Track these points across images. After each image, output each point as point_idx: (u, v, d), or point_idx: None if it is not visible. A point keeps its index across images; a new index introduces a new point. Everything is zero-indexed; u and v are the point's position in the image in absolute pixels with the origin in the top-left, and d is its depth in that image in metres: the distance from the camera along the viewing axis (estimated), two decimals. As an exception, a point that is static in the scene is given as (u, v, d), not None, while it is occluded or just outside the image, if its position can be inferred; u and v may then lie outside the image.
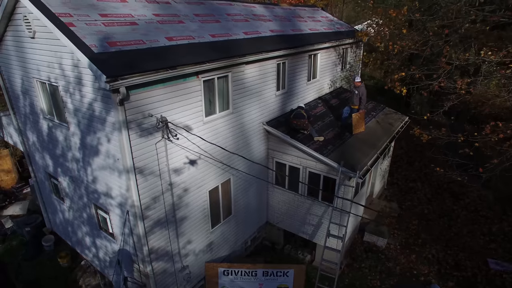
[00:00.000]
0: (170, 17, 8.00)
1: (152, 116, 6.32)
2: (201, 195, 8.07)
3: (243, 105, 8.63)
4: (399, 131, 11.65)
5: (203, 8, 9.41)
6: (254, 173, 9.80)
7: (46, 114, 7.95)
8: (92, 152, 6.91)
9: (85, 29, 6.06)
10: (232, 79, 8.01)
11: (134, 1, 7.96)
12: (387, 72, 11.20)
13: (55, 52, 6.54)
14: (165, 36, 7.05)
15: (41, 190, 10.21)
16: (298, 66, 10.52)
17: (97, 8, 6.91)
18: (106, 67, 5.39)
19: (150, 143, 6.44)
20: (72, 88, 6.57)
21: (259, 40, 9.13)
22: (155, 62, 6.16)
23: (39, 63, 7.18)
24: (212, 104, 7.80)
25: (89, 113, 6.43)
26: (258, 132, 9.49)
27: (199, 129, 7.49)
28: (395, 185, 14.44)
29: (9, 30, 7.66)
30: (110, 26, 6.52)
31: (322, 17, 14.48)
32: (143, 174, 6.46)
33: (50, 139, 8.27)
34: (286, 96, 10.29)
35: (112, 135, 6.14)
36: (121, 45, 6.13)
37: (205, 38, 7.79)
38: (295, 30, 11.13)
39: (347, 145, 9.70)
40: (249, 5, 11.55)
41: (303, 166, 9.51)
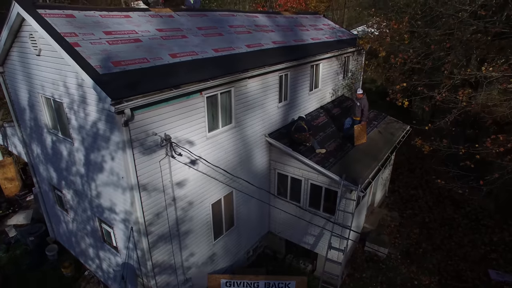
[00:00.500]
0: (173, 31, 8.05)
1: (156, 134, 6.39)
2: (204, 208, 8.14)
3: (245, 119, 8.69)
4: (401, 141, 11.70)
5: (206, 20, 9.46)
6: (256, 184, 9.88)
7: (51, 128, 8.03)
8: (97, 169, 6.98)
9: (90, 48, 6.12)
10: (235, 93, 8.07)
11: (138, 16, 8.03)
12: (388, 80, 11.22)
13: (60, 70, 6.60)
14: (168, 53, 7.10)
15: (44, 200, 10.29)
16: (300, 77, 10.57)
17: (102, 26, 6.97)
18: (111, 89, 5.45)
19: (154, 160, 6.51)
20: (77, 106, 6.64)
21: (262, 53, 9.18)
22: (159, 81, 6.22)
23: (44, 79, 7.25)
24: (215, 119, 7.86)
25: (94, 131, 6.50)
26: (260, 144, 9.55)
27: (202, 144, 7.55)
28: (396, 193, 14.48)
29: (15, 46, 7.72)
30: (115, 44, 6.58)
31: (324, 25, 14.51)
32: (147, 191, 6.53)
33: (54, 153, 8.35)
34: (288, 107, 10.35)
35: (116, 154, 6.21)
36: (126, 64, 6.18)
37: (208, 53, 7.84)
38: (297, 41, 11.17)
39: (348, 157, 9.75)
40: (252, 14, 11.59)
41: (305, 178, 9.57)
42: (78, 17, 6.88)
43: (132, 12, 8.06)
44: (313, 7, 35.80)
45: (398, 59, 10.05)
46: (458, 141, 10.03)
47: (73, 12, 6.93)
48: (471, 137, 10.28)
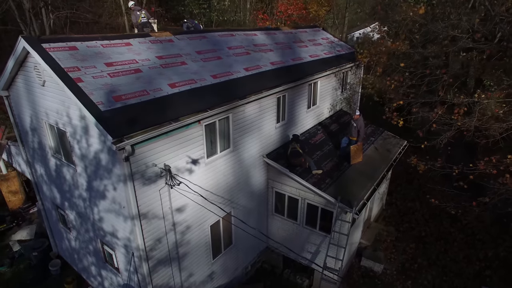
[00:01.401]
0: (172, 58, 8.25)
1: (156, 165, 6.61)
2: (203, 230, 8.37)
3: (243, 142, 8.90)
4: (397, 157, 11.89)
5: (205, 43, 9.66)
6: (254, 203, 10.13)
7: (54, 152, 8.26)
8: (99, 195, 7.21)
9: (92, 83, 6.34)
10: (233, 118, 8.27)
11: (138, 43, 8.24)
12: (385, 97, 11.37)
13: (63, 102, 6.82)
14: (168, 83, 7.31)
15: (48, 217, 10.55)
16: (298, 96, 10.76)
17: (103, 57, 7.19)
18: (112, 127, 5.67)
19: (154, 190, 6.73)
20: (80, 136, 6.86)
21: (260, 76, 9.36)
22: (159, 115, 6.43)
23: (48, 107, 7.47)
24: (214, 144, 8.07)
25: (96, 161, 6.72)
26: (258, 164, 9.76)
27: (201, 170, 7.77)
28: (393, 205, 14.67)
29: (20, 73, 7.93)
30: (116, 77, 6.79)
31: (323, 39, 14.67)
32: (147, 219, 6.76)
33: (58, 175, 8.58)
34: (286, 126, 10.55)
35: (118, 185, 6.43)
36: (126, 98, 6.40)
37: (207, 80, 8.04)
38: (296, 59, 11.34)
39: (344, 177, 9.95)
40: (251, 33, 11.76)
41: (301, 197, 9.78)
42: (81, 48, 7.10)
43: (132, 39, 8.27)
44: (314, 11, 35.98)
45: (394, 81, 10.22)
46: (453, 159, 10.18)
47: (76, 44, 7.14)
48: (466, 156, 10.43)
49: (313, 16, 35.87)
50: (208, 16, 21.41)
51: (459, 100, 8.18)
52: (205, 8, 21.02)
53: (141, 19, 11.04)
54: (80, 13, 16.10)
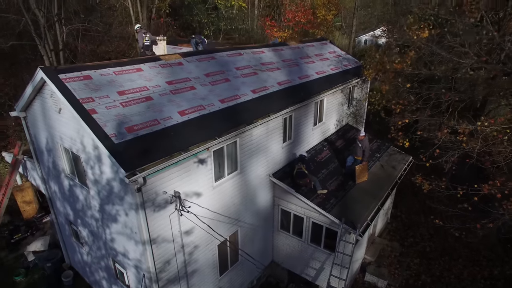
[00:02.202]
0: (182, 83, 8.50)
1: (166, 193, 6.88)
2: (211, 250, 8.63)
3: (250, 164, 9.13)
4: (402, 174, 11.99)
5: (213, 64, 9.89)
6: (261, 220, 10.36)
7: (68, 173, 8.59)
8: (111, 218, 7.52)
9: (105, 114, 6.62)
10: (240, 142, 8.50)
11: (149, 68, 8.51)
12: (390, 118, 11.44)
13: (77, 130, 7.13)
14: (177, 110, 7.56)
15: (61, 230, 10.93)
16: (304, 115, 10.94)
17: (116, 85, 7.47)
18: (125, 160, 5.95)
19: (164, 216, 7.00)
20: (93, 163, 7.16)
21: (267, 98, 9.56)
22: (170, 145, 6.68)
23: (63, 133, 7.80)
24: (221, 168, 8.32)
25: (108, 188, 7.01)
26: (265, 183, 9.98)
27: (209, 194, 8.03)
28: (398, 219, 14.76)
29: (38, 98, 8.25)
30: (128, 106, 7.07)
31: (330, 53, 14.80)
32: (157, 243, 7.04)
33: (71, 194, 8.92)
34: (292, 145, 10.74)
35: (129, 212, 6.72)
36: (138, 129, 6.67)
37: (215, 105, 8.28)
38: (302, 77, 11.51)
39: (349, 196, 10.12)
40: (258, 50, 11.96)
41: (306, 216, 9.99)
42: (95, 77, 7.40)
43: (143, 64, 8.55)
44: (321, 16, 35.96)
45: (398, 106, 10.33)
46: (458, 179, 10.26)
47: (90, 72, 7.44)
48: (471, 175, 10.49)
49: (321, 21, 35.95)
50: (216, 25, 21.64)
51: (463, 127, 8.27)
52: (213, 17, 21.24)
53: (145, 41, 11.37)
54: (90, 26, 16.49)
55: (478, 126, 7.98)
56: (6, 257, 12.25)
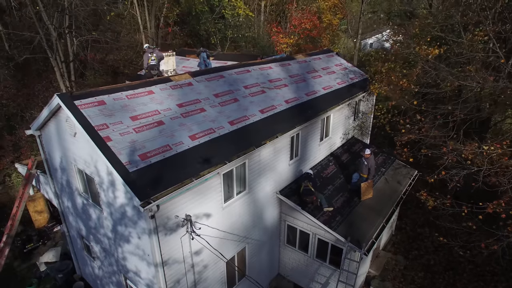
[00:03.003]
0: (192, 105, 8.70)
1: (178, 217, 7.10)
2: (219, 267, 8.86)
3: (258, 182, 9.33)
4: (407, 190, 12.13)
5: (222, 83, 10.08)
6: (268, 235, 10.57)
7: (82, 192, 8.85)
8: (124, 239, 7.76)
9: (120, 142, 6.85)
10: (248, 163, 8.70)
11: (160, 90, 8.73)
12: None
13: (92, 155, 7.37)
14: (188, 135, 7.77)
15: (73, 243, 11.22)
16: (311, 132, 11.10)
17: (128, 109, 7.70)
18: (139, 189, 6.17)
19: (176, 238, 7.23)
20: (106, 187, 7.40)
21: (275, 118, 9.72)
22: (181, 172, 6.89)
23: (77, 155, 8.05)
24: (230, 188, 8.53)
25: (121, 211, 7.25)
26: (272, 200, 10.18)
27: (218, 214, 8.24)
28: (403, 231, 14.87)
29: (54, 119, 8.48)
30: (141, 132, 7.29)
31: (336, 66, 14.92)
32: (169, 264, 7.27)
33: (84, 211, 9.19)
34: (299, 162, 10.92)
35: (142, 235, 6.95)
36: (151, 156, 6.89)
37: (225, 127, 8.48)
38: (310, 94, 11.66)
39: (355, 213, 10.28)
40: (266, 66, 12.13)
41: (312, 232, 10.18)
42: (108, 102, 7.62)
43: (154, 86, 8.76)
44: (327, 20, 35.98)
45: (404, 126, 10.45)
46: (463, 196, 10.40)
47: (104, 97, 7.67)
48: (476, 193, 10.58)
49: (326, 25, 35.98)
50: (223, 33, 21.83)
51: (468, 150, 8.40)
52: (220, 25, 21.45)
53: (150, 61, 11.56)
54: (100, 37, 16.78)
55: (483, 149, 8.10)
56: (19, 267, 12.59)
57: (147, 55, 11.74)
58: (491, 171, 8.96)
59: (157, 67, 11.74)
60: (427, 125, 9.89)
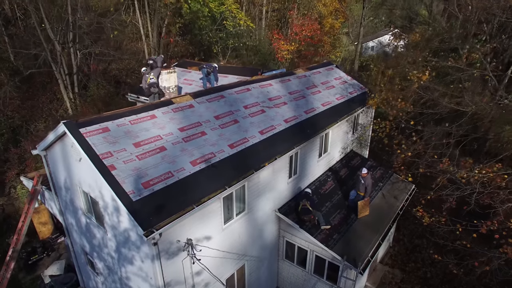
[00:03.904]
0: (193, 129, 8.95)
1: (180, 241, 7.37)
2: (219, 285, 9.13)
3: (257, 202, 9.59)
4: (404, 205, 12.36)
5: (222, 104, 10.32)
6: (267, 252, 10.83)
7: (86, 212, 9.13)
8: (127, 260, 8.03)
9: (123, 170, 7.11)
10: (248, 185, 8.96)
11: (162, 114, 8.98)
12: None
13: (96, 180, 7.62)
14: (190, 160, 8.02)
15: (77, 257, 11.51)
16: (310, 149, 11.34)
17: (132, 136, 7.95)
18: (143, 219, 6.44)
19: (178, 261, 7.50)
20: (110, 211, 7.67)
21: (274, 139, 9.95)
22: (183, 199, 7.15)
23: (82, 178, 8.32)
24: (230, 210, 8.79)
25: (125, 235, 7.52)
26: (271, 218, 10.44)
27: (219, 235, 8.51)
28: (400, 242, 15.10)
29: (59, 142, 8.73)
30: (144, 159, 7.55)
31: (335, 79, 15.13)
32: (171, 286, 7.54)
33: (88, 230, 9.46)
34: (297, 180, 11.17)
35: (145, 260, 7.23)
36: (154, 183, 7.15)
37: (225, 151, 8.72)
38: (309, 111, 11.87)
39: (352, 231, 10.53)
40: (266, 83, 12.35)
41: (310, 249, 10.43)
42: (112, 129, 7.88)
43: (156, 110, 9.00)
44: (329, 25, 36.15)
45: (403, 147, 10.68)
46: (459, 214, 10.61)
47: (107, 124, 7.93)
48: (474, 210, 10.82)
49: (328, 29, 36.16)
50: (224, 41, 22.05)
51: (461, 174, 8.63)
52: (221, 35, 21.69)
53: (149, 80, 11.75)
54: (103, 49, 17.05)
55: (475, 173, 8.33)
56: (24, 279, 12.91)
57: (144, 78, 11.94)
58: (484, 193, 9.20)
59: (157, 84, 11.94)
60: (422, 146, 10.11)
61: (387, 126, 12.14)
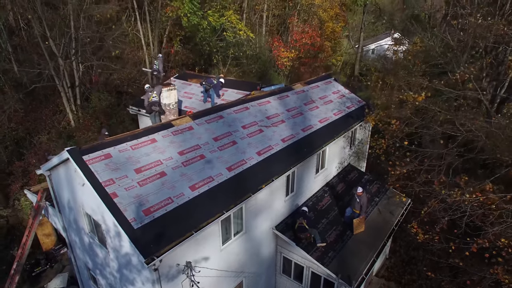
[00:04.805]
0: (192, 152, 9.22)
1: (179, 265, 7.67)
2: (217, 303, 9.44)
3: (255, 222, 9.87)
4: (399, 220, 12.63)
5: (221, 125, 10.57)
6: (264, 267, 11.13)
7: (89, 232, 9.43)
8: (129, 282, 8.32)
9: (125, 197, 7.40)
10: (245, 207, 9.24)
11: (162, 138, 9.26)
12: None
13: (99, 205, 7.90)
14: (189, 185, 8.31)
15: (80, 272, 11.83)
16: (307, 167, 11.61)
17: (133, 161, 8.24)
18: (144, 247, 6.73)
19: (177, 283, 7.81)
20: (113, 235, 7.97)
21: (272, 159, 10.22)
22: (183, 225, 7.44)
23: (85, 202, 8.61)
24: (228, 230, 9.07)
25: (127, 258, 7.82)
26: (268, 235, 10.73)
27: (217, 256, 8.80)
28: (397, 253, 15.36)
29: (63, 165, 9.01)
30: (144, 185, 7.84)
31: (333, 93, 15.37)
32: (170, 307, 7.85)
33: (91, 249, 9.77)
34: (294, 197, 11.44)
35: (146, 283, 7.52)
36: (154, 210, 7.44)
37: (223, 175, 9.00)
38: (306, 129, 12.12)
39: (347, 248, 10.81)
40: (264, 101, 12.60)
41: (306, 265, 10.73)
42: (114, 155, 8.17)
43: (157, 133, 9.28)
44: (330, 29, 36.30)
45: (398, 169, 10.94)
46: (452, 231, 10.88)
47: (109, 150, 8.22)
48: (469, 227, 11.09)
49: (329, 34, 36.34)
50: (225, 51, 22.31)
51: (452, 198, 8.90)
52: (222, 45, 21.95)
53: (152, 98, 12.04)
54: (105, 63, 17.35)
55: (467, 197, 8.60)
56: (28, 290, 13.26)
57: (147, 95, 12.23)
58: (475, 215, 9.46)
59: (158, 103, 12.23)
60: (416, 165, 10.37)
61: (384, 144, 12.40)
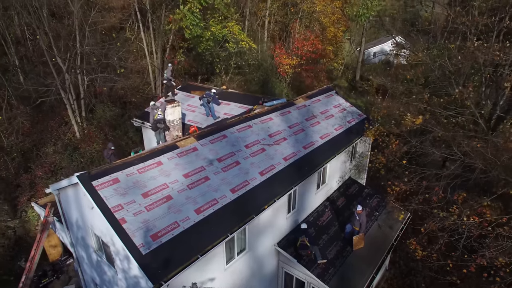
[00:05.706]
0: (197, 174, 9.49)
1: (185, 287, 7.96)
2: (221, 320, 9.74)
3: (258, 240, 10.16)
4: (398, 235, 12.89)
5: (224, 145, 10.84)
6: (266, 282, 11.42)
7: (97, 250, 9.73)
8: (136, 301, 8.64)
9: (133, 223, 7.68)
10: (248, 228, 9.52)
11: (168, 160, 9.53)
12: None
13: (108, 228, 8.19)
14: (194, 208, 8.59)
15: (87, 286, 12.14)
16: (308, 184, 11.87)
17: (140, 185, 8.52)
18: (152, 273, 7.02)
19: (183, 305, 8.10)
20: (121, 258, 8.26)
21: (274, 178, 10.49)
22: (189, 249, 7.73)
23: (94, 224, 8.90)
24: (232, 250, 9.37)
25: (135, 280, 8.11)
26: (270, 252, 11.02)
27: (221, 275, 9.10)
28: (396, 265, 15.64)
29: (72, 187, 9.30)
30: (152, 210, 8.12)
31: (334, 107, 15.61)
32: (176, 328, 8.15)
33: (99, 266, 10.07)
34: (296, 213, 11.72)
35: (153, 305, 7.82)
36: (161, 235, 7.73)
37: (227, 197, 9.28)
38: (307, 146, 12.38)
39: (347, 264, 11.09)
40: (266, 118, 12.85)
41: (307, 281, 11.01)
42: (122, 180, 8.45)
43: (162, 156, 9.54)
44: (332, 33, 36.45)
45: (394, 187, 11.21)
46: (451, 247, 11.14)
47: (117, 174, 8.50)
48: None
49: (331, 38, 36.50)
50: (227, 60, 22.57)
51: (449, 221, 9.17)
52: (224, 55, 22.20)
53: (157, 116, 12.30)
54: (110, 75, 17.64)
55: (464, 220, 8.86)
56: (36, 302, 13.57)
57: (152, 113, 12.50)
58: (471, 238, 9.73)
59: (163, 121, 12.51)
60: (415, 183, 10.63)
61: (383, 160, 12.66)
